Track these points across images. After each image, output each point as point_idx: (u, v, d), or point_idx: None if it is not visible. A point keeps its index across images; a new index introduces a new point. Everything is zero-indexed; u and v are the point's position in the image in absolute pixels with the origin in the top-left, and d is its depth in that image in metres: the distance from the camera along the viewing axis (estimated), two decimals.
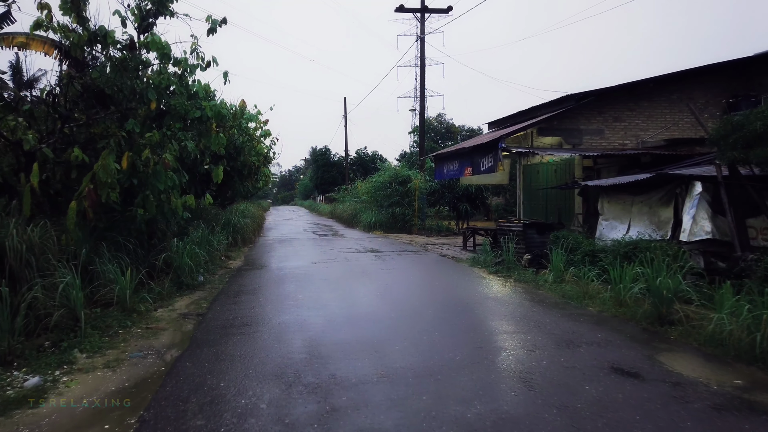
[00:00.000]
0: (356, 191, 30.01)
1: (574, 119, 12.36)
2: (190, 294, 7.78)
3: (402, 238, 17.97)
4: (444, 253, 12.63)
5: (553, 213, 13.75)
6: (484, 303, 6.79)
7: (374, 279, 8.70)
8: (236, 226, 13.60)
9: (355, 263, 10.68)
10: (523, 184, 15.22)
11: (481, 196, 21.72)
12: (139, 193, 8.42)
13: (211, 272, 9.45)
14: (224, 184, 15.64)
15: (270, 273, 9.49)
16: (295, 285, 8.24)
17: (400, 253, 12.64)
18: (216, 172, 10.24)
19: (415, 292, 7.64)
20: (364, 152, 45.68)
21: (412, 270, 9.79)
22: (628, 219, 8.85)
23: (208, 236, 10.58)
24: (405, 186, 20.70)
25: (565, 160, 13.19)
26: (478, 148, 12.35)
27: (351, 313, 6.30)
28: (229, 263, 10.83)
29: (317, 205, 44.56)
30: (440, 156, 15.03)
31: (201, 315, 6.52)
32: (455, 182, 21.27)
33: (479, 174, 12.64)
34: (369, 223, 21.16)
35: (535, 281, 8.00)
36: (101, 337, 5.46)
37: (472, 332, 5.36)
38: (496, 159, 11.36)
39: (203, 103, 9.35)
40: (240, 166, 14.85)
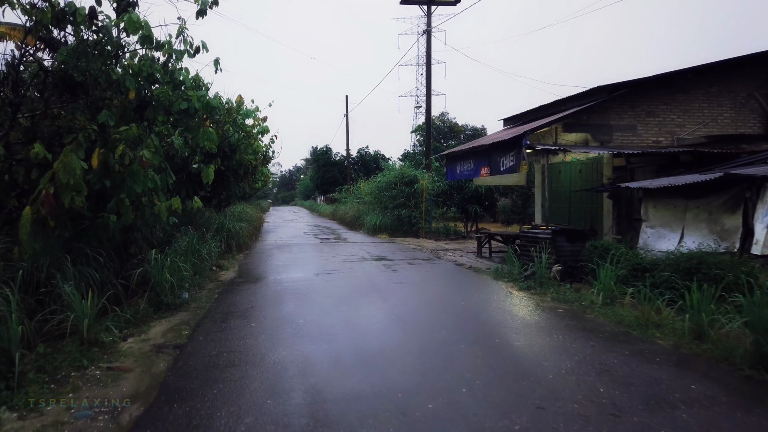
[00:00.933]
0: (358, 192, 28.77)
1: (603, 114, 11.10)
2: (170, 317, 6.52)
3: (409, 242, 16.71)
4: (459, 262, 11.37)
5: (578, 217, 12.49)
6: (525, 333, 5.52)
7: (386, 296, 7.44)
8: (230, 231, 12.35)
9: (362, 275, 9.42)
10: (542, 186, 13.94)
11: (491, 198, 20.46)
12: (113, 197, 7.18)
13: (198, 286, 8.19)
14: (218, 185, 14.38)
15: (266, 288, 8.22)
16: (294, 304, 6.98)
17: (410, 261, 11.38)
18: (206, 172, 8.97)
19: (437, 316, 6.37)
20: (366, 151, 44.45)
21: (429, 284, 8.53)
22: (680, 226, 7.60)
23: (197, 244, 9.32)
24: (411, 187, 19.43)
25: (591, 159, 11.92)
26: (497, 146, 11.09)
27: (363, 347, 5.04)
28: (220, 274, 9.57)
29: (318, 206, 43.30)
30: (453, 155, 13.78)
31: (179, 347, 5.26)
32: (464, 183, 20.01)
33: (498, 174, 11.37)
34: (373, 225, 19.90)
35: (578, 301, 6.73)
36: (45, 385, 4.21)
37: (523, 380, 4.10)
38: (519, 157, 10.09)
39: (189, 93, 8.10)
40: (235, 166, 13.58)
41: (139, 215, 8.19)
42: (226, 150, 13.09)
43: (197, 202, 8.67)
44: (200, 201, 12.61)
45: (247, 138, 13.58)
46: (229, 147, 13.11)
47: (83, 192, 6.47)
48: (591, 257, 8.10)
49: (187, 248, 8.60)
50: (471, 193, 19.76)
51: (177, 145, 9.18)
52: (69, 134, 7.01)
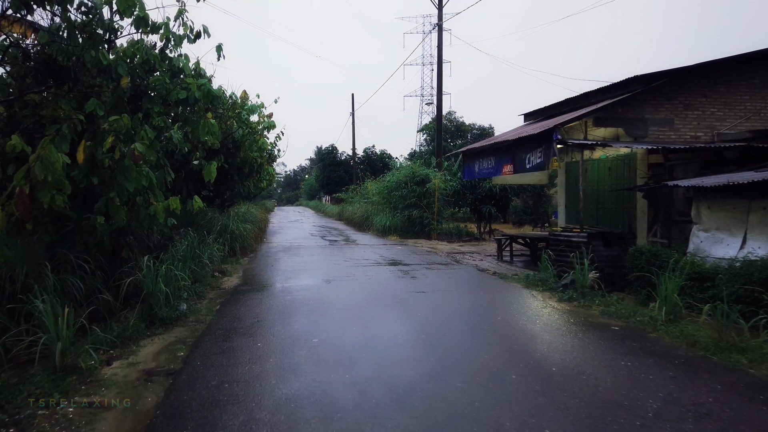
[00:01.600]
0: (366, 192, 27.90)
1: (638, 107, 10.18)
2: (164, 333, 5.65)
3: (421, 244, 15.82)
4: (481, 267, 10.46)
5: (607, 219, 11.56)
6: (585, 358, 4.63)
7: (410, 309, 6.55)
8: (234, 234, 11.49)
9: (378, 282, 8.54)
10: (566, 185, 13.04)
11: (505, 198, 19.54)
12: (102, 196, 6.34)
13: (198, 296, 7.33)
14: (222, 184, 13.54)
15: (273, 297, 7.35)
16: (306, 318, 6.10)
17: (428, 266, 10.49)
18: (208, 169, 8.10)
19: (472, 335, 5.48)
20: (372, 151, 43.60)
21: (454, 294, 7.63)
22: (742, 230, 6.68)
23: (197, 248, 8.46)
24: (423, 186, 18.54)
25: (623, 156, 11.00)
26: (523, 142, 10.19)
27: (394, 378, 4.14)
28: (223, 281, 8.70)
29: (323, 206, 42.47)
30: (471, 152, 12.88)
31: (172, 374, 4.39)
32: (478, 182, 19.11)
33: (524, 172, 10.47)
34: (383, 226, 19.02)
35: (633, 316, 5.82)
36: (2, 429, 3.36)
37: (606, 429, 3.20)
38: (549, 153, 9.19)
39: (189, 80, 7.25)
40: (239, 163, 12.73)
41: (132, 217, 7.36)
42: (230, 147, 12.24)
43: (198, 202, 7.80)
44: (201, 201, 11.74)
45: (252, 134, 12.73)
46: (233, 143, 12.26)
47: (65, 190, 5.62)
48: (636, 264, 7.20)
49: (187, 253, 7.74)
50: (485, 193, 18.86)
51: (176, 139, 8.33)
52: (52, 125, 6.18)
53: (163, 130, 7.67)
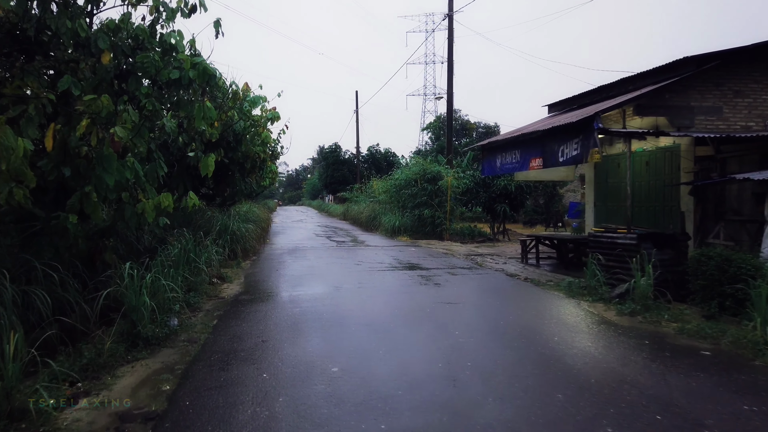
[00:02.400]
0: (371, 190, 26.87)
1: (683, 94, 9.09)
2: (149, 357, 4.59)
3: (435, 245, 14.76)
4: (509, 272, 9.38)
5: (644, 218, 10.49)
6: (690, 401, 3.55)
7: (443, 326, 5.48)
8: (235, 234, 10.42)
9: (398, 290, 7.47)
10: (595, 181, 11.96)
11: (521, 196, 18.45)
12: (77, 191, 5.30)
13: (193, 307, 6.27)
14: (221, 181, 12.50)
15: (280, 309, 6.27)
16: (321, 338, 5.03)
17: (450, 270, 9.41)
18: (205, 162, 7.06)
19: (530, 363, 4.40)
20: (377, 149, 42.56)
21: (490, 306, 6.55)
22: None
23: (193, 251, 7.41)
24: (435, 184, 17.46)
25: (663, 149, 9.93)
26: (555, 132, 9.11)
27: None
28: (222, 289, 7.63)
29: (327, 206, 41.42)
30: (492, 145, 11.79)
31: (153, 419, 3.33)
32: (492, 180, 18.03)
33: (556, 166, 9.40)
34: (392, 227, 17.95)
35: (723, 337, 4.74)
36: None
37: None
38: (589, 144, 8.12)
39: (181, 56, 6.21)
40: (241, 158, 11.68)
41: (117, 216, 6.32)
42: (230, 140, 11.18)
43: (193, 199, 6.71)
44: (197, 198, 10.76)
45: (254, 126, 11.68)
46: (233, 136, 11.20)
47: (28, 182, 4.59)
48: (703, 270, 6.12)
49: (180, 258, 6.68)
50: (499, 191, 17.79)
51: (169, 128, 7.28)
52: (17, 105, 5.14)
53: (153, 115, 6.62)
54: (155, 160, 6.50)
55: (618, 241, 7.64)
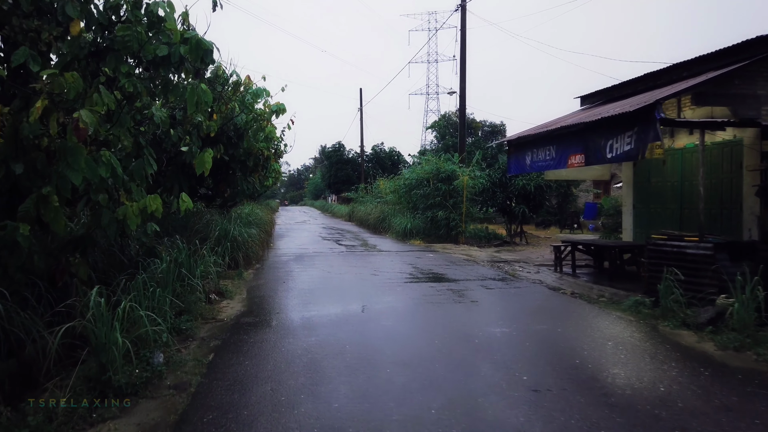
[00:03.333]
0: (378, 191, 25.68)
1: (749, 80, 7.89)
2: (121, 416, 3.38)
3: (452, 250, 13.55)
4: (550, 284, 8.16)
5: (695, 223, 9.27)
6: None
7: (500, 365, 4.25)
8: (237, 241, 9.20)
9: (431, 310, 6.26)
10: (635, 181, 10.74)
11: (541, 197, 17.23)
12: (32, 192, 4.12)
13: (184, 334, 5.08)
14: (222, 180, 11.30)
15: (291, 339, 5.05)
16: (348, 388, 3.80)
17: (482, 283, 8.20)
18: (200, 159, 5.90)
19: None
20: (381, 148, 41.37)
21: (547, 332, 5.32)
22: None
23: (187, 263, 6.21)
24: (450, 184, 16.25)
25: (721, 144, 8.71)
26: (602, 124, 7.89)
27: None
28: (221, 307, 6.43)
29: (331, 206, 40.21)
30: (521, 141, 10.56)
31: None
32: (509, 179, 16.84)
33: (602, 162, 8.21)
34: (403, 229, 16.73)
35: None
36: None
37: None
38: (647, 137, 6.91)
39: (169, 25, 5.05)
40: (243, 155, 10.49)
41: (93, 222, 5.17)
42: (231, 135, 9.98)
43: (186, 201, 5.49)
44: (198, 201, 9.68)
45: (257, 120, 10.47)
46: (234, 131, 10.01)
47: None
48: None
49: (169, 273, 5.47)
50: (517, 192, 16.59)
51: (158, 118, 6.07)
52: None
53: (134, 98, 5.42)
54: (143, 156, 5.31)
55: (688, 251, 6.44)
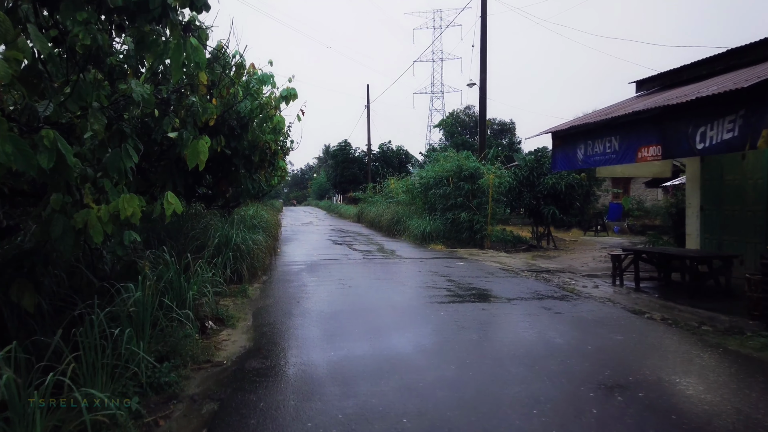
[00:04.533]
0: (388, 190, 24.15)
1: None
2: None
3: (480, 256, 11.99)
4: (627, 305, 6.57)
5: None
6: None
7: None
8: (240, 249, 7.65)
9: (502, 350, 4.69)
10: (702, 178, 9.16)
11: (571, 197, 15.65)
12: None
13: (164, 394, 3.55)
14: (223, 178, 9.76)
15: (320, 405, 3.47)
16: None
17: (541, 302, 6.62)
18: (193, 148, 4.49)
19: None
20: (389, 147, 39.84)
21: (682, 390, 3.80)
22: None
23: (175, 284, 4.68)
24: (474, 183, 14.68)
25: None
26: (688, 108, 6.32)
27: None
28: (219, 342, 4.87)
29: (337, 206, 38.65)
30: (571, 131, 8.95)
31: None
32: (536, 178, 15.30)
33: (689, 155, 6.69)
34: (421, 233, 15.17)
35: None
36: None
37: None
38: (761, 123, 5.38)
39: None
40: (247, 148, 8.99)
41: (42, 233, 3.68)
42: (234, 124, 8.45)
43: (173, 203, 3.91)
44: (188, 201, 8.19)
45: (263, 108, 8.92)
46: (237, 120, 8.48)
47: None
48: None
49: (144, 308, 3.93)
50: (547, 191, 15.01)
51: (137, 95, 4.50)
52: None
53: (101, 60, 3.89)
54: (119, 145, 3.77)
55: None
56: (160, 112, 6.85)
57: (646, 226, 21.83)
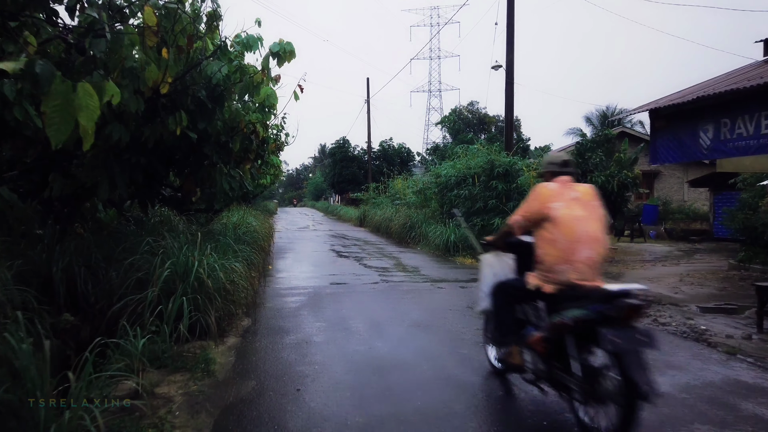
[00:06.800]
0: (394, 191, 21.35)
1: None
2: None
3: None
4: None
5: None
6: None
7: None
8: (205, 285, 4.74)
9: None
10: None
11: (622, 198, 12.93)
12: None
13: None
14: (191, 174, 6.96)
15: None
16: None
17: (674, 378, 3.87)
18: (60, 104, 2.73)
19: None
20: (390, 144, 37.04)
21: None
22: None
23: None
24: (509, 182, 11.92)
25: None
26: None
27: None
28: None
29: (335, 208, 35.74)
30: (690, 106, 6.18)
31: None
32: (581, 175, 12.56)
33: None
34: (444, 242, 12.37)
35: None
36: None
37: None
38: None
39: None
40: (222, 131, 6.18)
41: None
42: (201, 95, 5.57)
43: None
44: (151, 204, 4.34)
45: (244, 73, 6.00)
46: (207, 89, 5.59)
47: None
48: None
49: None
50: None
51: None
52: None
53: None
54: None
55: None
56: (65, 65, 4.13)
57: (687, 231, 19.18)
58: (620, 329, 2.57)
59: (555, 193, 3.17)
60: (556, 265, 3.03)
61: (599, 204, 3.25)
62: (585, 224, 3.06)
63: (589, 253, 3.01)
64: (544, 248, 3.11)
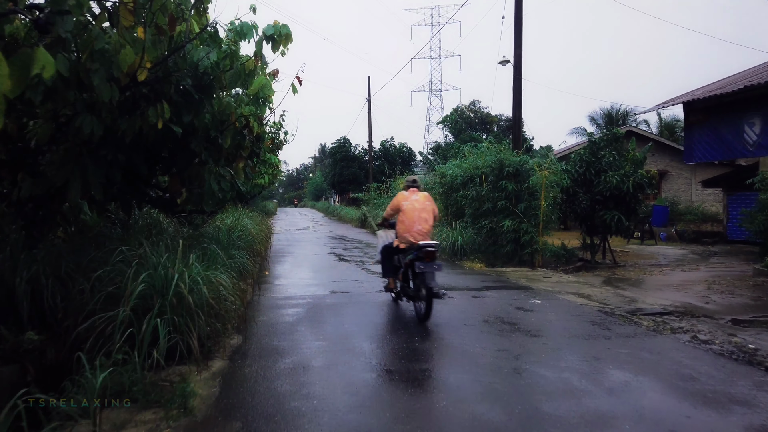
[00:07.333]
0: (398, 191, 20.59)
1: None
2: None
3: (541, 282, 8.57)
4: None
5: None
6: None
7: None
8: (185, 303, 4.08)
9: None
10: None
11: (636, 198, 12.25)
12: None
13: None
14: (177, 173, 6.29)
15: None
16: None
17: None
18: None
19: None
20: (391, 144, 36.39)
21: None
22: None
23: None
24: (520, 182, 11.26)
25: None
26: None
27: None
28: None
29: (336, 208, 35.08)
30: (730, 98, 5.52)
31: None
32: (594, 176, 11.94)
33: None
34: (452, 245, 11.72)
35: None
36: None
37: None
38: None
39: None
40: (210, 125, 5.49)
41: None
42: (186, 84, 4.87)
43: None
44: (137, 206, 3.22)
45: (234, 58, 5.30)
46: (194, 78, 4.88)
47: None
48: None
49: None
50: (608, 193, 11.62)
51: None
52: None
53: None
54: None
55: None
56: None
57: (699, 232, 18.54)
58: (424, 262, 5.15)
59: (405, 196, 5.88)
60: (404, 234, 5.69)
61: (430, 203, 5.91)
62: (418, 213, 5.68)
63: (420, 227, 5.63)
64: (399, 225, 5.83)
